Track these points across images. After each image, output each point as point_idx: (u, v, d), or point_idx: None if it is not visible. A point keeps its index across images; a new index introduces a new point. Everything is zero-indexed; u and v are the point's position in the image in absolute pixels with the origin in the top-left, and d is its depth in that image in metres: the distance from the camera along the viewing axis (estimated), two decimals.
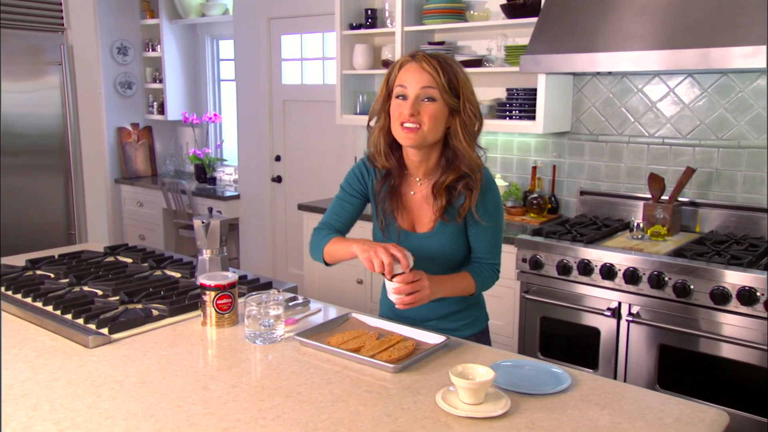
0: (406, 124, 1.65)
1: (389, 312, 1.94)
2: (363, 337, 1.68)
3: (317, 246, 1.83)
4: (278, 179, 4.91)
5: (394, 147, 1.76)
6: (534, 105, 3.21)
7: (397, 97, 1.67)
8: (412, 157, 1.76)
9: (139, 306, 1.93)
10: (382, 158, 1.77)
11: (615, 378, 2.65)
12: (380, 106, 1.73)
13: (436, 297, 1.66)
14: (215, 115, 5.62)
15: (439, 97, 1.63)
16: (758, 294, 2.31)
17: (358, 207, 1.88)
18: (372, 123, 1.78)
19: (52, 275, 2.27)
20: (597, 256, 2.65)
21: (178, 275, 2.28)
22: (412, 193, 1.80)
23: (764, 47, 2.27)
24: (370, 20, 3.82)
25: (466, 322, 1.86)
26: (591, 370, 2.70)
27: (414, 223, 1.80)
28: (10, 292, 2.07)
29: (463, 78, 1.67)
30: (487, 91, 3.57)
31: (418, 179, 1.78)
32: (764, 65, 2.28)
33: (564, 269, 2.73)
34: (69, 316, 1.84)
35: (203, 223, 2.06)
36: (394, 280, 1.59)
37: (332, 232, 1.82)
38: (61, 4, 3.73)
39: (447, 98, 1.63)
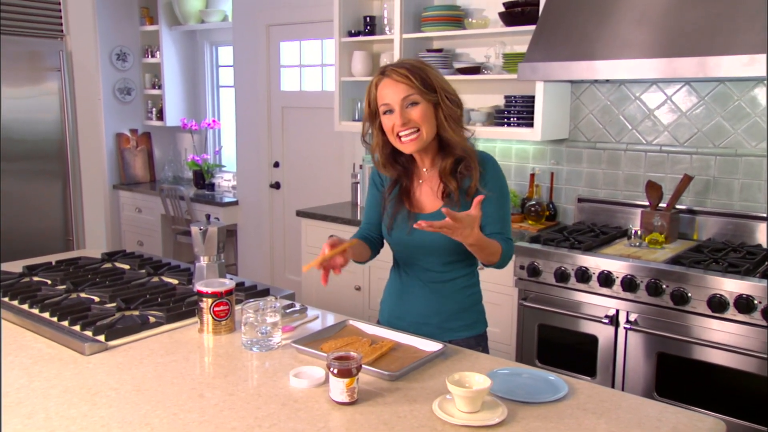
0: (403, 133, 1.75)
1: (388, 316, 1.95)
2: (356, 344, 1.68)
3: None
4: (277, 185, 4.91)
5: (396, 155, 1.87)
6: (532, 112, 3.21)
7: (385, 113, 1.77)
8: (415, 154, 1.85)
9: (136, 313, 1.93)
10: (390, 169, 1.88)
11: (613, 386, 2.65)
12: (370, 124, 1.84)
13: (473, 238, 1.63)
14: (214, 121, 5.62)
15: (421, 99, 1.74)
16: (756, 302, 2.31)
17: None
18: (366, 139, 1.88)
19: (49, 282, 2.27)
20: (595, 263, 2.65)
21: (175, 282, 2.28)
22: (420, 181, 1.88)
23: (762, 56, 2.27)
24: (368, 27, 3.83)
25: (465, 322, 1.88)
26: (589, 378, 2.69)
27: (421, 208, 1.87)
28: (6, 299, 2.07)
29: (434, 73, 1.77)
30: (485, 99, 3.58)
31: (425, 169, 1.87)
32: (762, 73, 2.29)
33: (562, 276, 2.73)
34: (65, 323, 1.84)
35: (201, 230, 2.06)
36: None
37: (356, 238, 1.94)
38: (60, 10, 3.74)
39: (427, 96, 1.74)
